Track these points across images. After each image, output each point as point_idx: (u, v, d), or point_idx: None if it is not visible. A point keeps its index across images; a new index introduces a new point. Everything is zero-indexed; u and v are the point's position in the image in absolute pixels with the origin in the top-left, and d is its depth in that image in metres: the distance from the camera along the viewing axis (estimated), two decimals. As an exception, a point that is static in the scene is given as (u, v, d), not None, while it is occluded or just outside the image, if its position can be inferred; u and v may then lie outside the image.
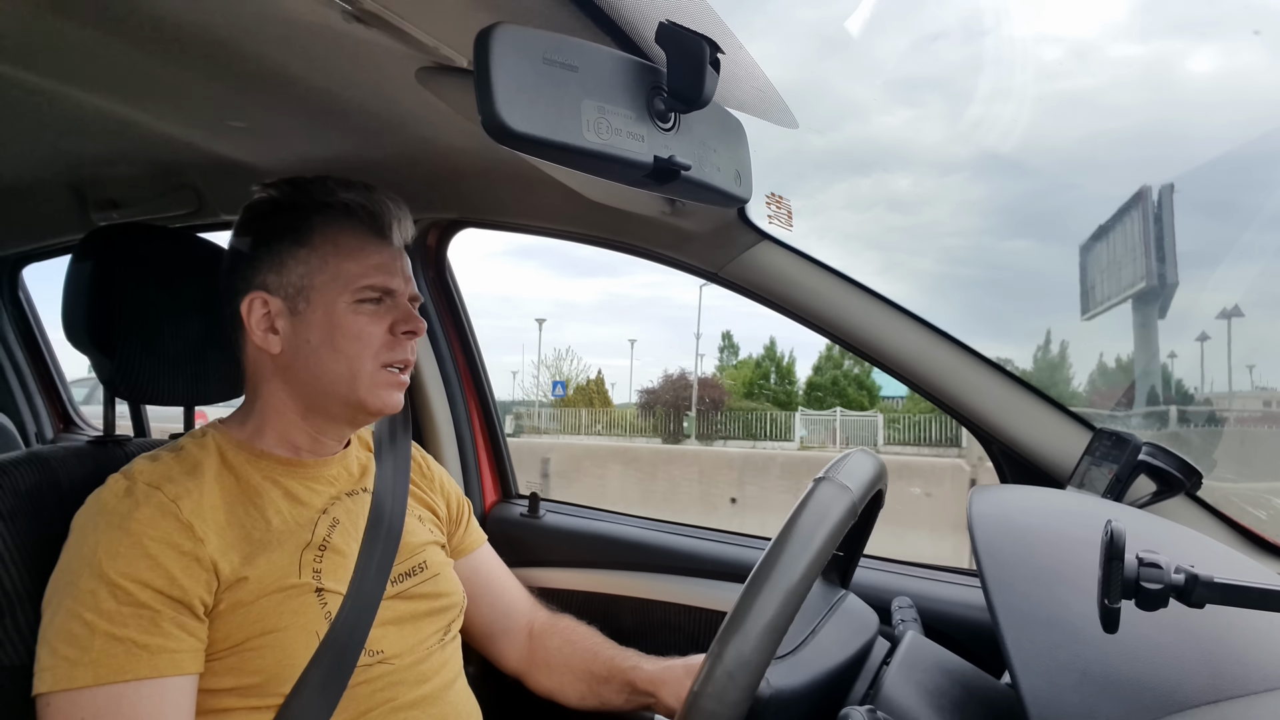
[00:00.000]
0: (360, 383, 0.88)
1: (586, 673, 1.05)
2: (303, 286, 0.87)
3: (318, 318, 0.87)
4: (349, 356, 0.87)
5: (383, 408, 0.90)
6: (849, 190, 21.67)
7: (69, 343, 0.99)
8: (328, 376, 0.88)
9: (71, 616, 0.73)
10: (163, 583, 0.75)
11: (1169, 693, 0.55)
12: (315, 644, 0.82)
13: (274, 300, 0.88)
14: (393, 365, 0.89)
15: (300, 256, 0.88)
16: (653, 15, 0.66)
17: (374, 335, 0.88)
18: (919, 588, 1.18)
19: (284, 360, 0.89)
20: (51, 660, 0.73)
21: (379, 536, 0.92)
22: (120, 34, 0.86)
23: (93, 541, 0.76)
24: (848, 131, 21.18)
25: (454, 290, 1.57)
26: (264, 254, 0.89)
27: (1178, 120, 21.13)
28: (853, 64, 27.17)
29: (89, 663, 0.72)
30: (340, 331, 0.87)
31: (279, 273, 0.88)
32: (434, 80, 0.85)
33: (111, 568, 0.74)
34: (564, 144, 0.58)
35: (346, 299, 0.87)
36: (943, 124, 21.85)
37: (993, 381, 1.13)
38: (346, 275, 0.87)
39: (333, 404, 0.90)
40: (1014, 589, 0.63)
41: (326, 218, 0.89)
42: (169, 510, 0.78)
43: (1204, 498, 1.05)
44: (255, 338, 0.88)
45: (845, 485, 0.71)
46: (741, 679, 0.60)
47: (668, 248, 1.25)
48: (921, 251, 17.19)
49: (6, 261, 2.06)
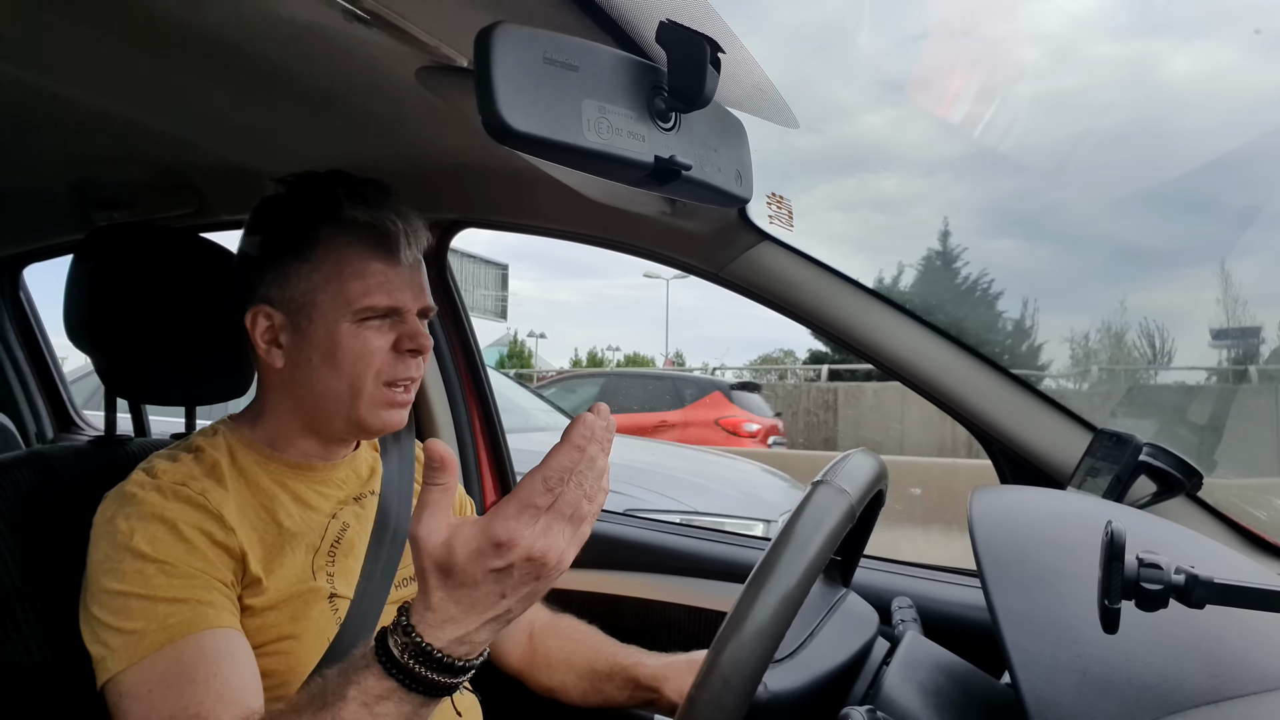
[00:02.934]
0: (361, 402, 0.86)
1: (588, 670, 1.05)
2: (305, 303, 0.85)
3: (320, 336, 0.85)
4: (350, 375, 0.85)
5: (383, 428, 0.88)
6: (834, 190, 21.77)
7: (70, 342, 0.99)
8: (329, 395, 0.86)
9: (123, 598, 0.73)
10: (202, 564, 0.76)
11: (1169, 693, 0.55)
12: (325, 648, 0.82)
13: (277, 314, 0.86)
14: (396, 384, 0.87)
15: (303, 272, 0.85)
16: (653, 15, 0.66)
17: (377, 353, 0.85)
18: (919, 588, 1.18)
19: (287, 374, 0.87)
20: (119, 639, 0.72)
21: (385, 540, 0.92)
22: (121, 34, 0.86)
23: (127, 529, 0.75)
24: (831, 132, 21.25)
25: (454, 290, 1.57)
26: (268, 264, 0.87)
27: (1159, 120, 21.29)
28: (835, 65, 27.23)
29: (156, 628, 0.72)
30: (342, 351, 0.84)
31: (282, 287, 0.86)
32: (434, 80, 0.85)
33: (154, 550, 0.74)
34: (564, 144, 0.58)
35: (349, 319, 0.84)
36: (926, 124, 21.96)
37: (992, 381, 1.13)
38: (349, 294, 0.84)
39: (334, 421, 0.88)
40: (1014, 589, 0.63)
41: (333, 231, 0.85)
42: (199, 503, 0.79)
43: (1204, 498, 1.05)
44: (260, 350, 0.87)
45: (843, 489, 0.70)
46: (738, 684, 0.60)
47: (668, 248, 1.25)
48: (908, 252, 17.29)
49: (7, 262, 2.06)
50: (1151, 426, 2.28)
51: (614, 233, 1.28)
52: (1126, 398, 5.45)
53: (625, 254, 1.31)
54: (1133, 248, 18.45)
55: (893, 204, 25.65)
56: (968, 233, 20.75)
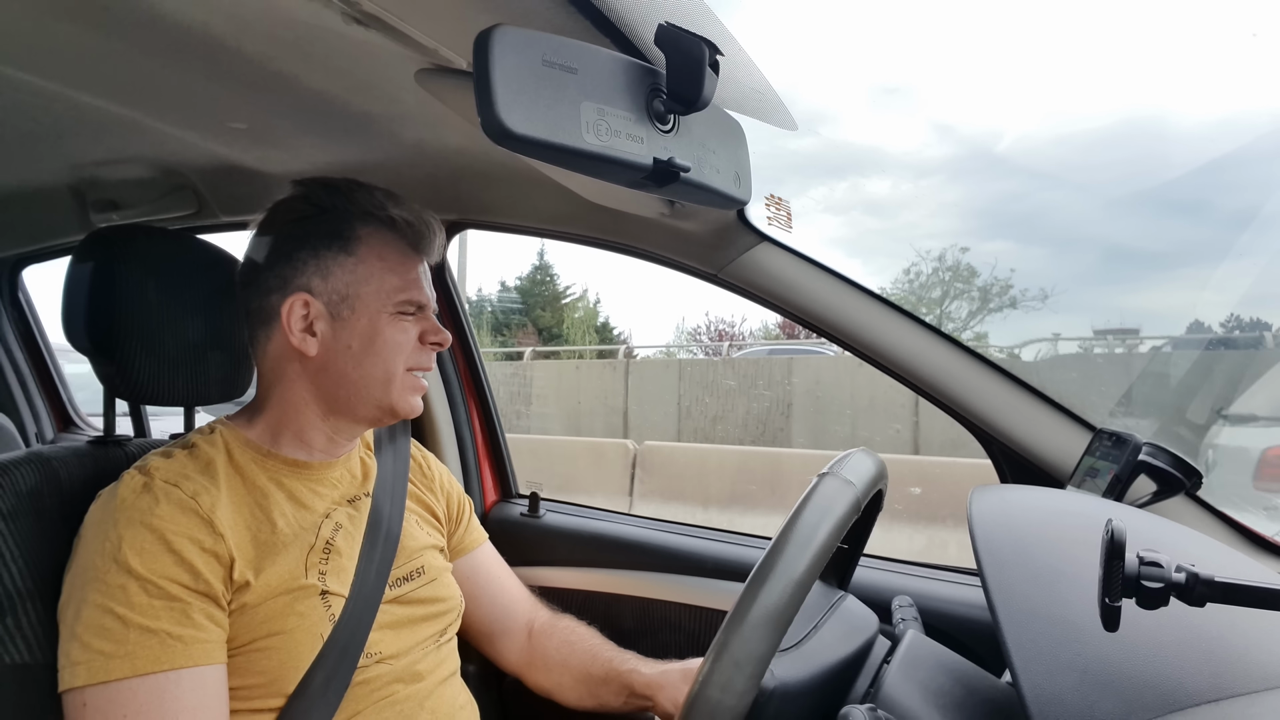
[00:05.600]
0: (394, 387, 0.91)
1: (585, 674, 1.05)
2: (348, 294, 0.89)
3: (361, 325, 0.89)
4: (386, 362, 0.90)
5: (410, 411, 0.93)
6: (825, 194, 21.79)
7: (69, 343, 0.99)
8: (364, 381, 0.90)
9: (101, 611, 0.73)
10: (189, 577, 0.76)
11: (1170, 691, 0.55)
12: (319, 645, 0.82)
13: (316, 303, 0.89)
14: (419, 371, 0.94)
15: (347, 265, 0.89)
16: (652, 17, 0.66)
17: (407, 344, 0.92)
18: (919, 587, 1.18)
19: (318, 362, 0.89)
20: (84, 655, 0.72)
21: (378, 540, 0.92)
22: (120, 35, 0.86)
23: (115, 537, 0.76)
24: (823, 135, 21.22)
25: (454, 290, 1.57)
26: (308, 257, 0.89)
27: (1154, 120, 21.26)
28: (825, 70, 27.14)
29: (125, 655, 0.72)
30: (382, 339, 0.90)
31: (324, 277, 0.89)
32: (434, 82, 0.86)
33: (138, 563, 0.74)
34: (563, 146, 0.58)
35: (389, 310, 0.90)
36: (917, 127, 21.93)
37: (992, 381, 1.13)
38: (390, 288, 0.90)
39: (362, 405, 0.91)
40: (1014, 588, 0.63)
41: (372, 228, 0.91)
42: (189, 506, 0.79)
43: (1204, 497, 1.05)
44: (293, 339, 0.88)
45: (849, 480, 0.71)
46: (748, 668, 0.60)
47: (667, 249, 1.25)
48: (900, 254, 17.27)
49: (6, 262, 2.06)
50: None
51: (613, 234, 1.28)
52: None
53: (624, 255, 1.32)
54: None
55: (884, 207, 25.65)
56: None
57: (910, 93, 21.85)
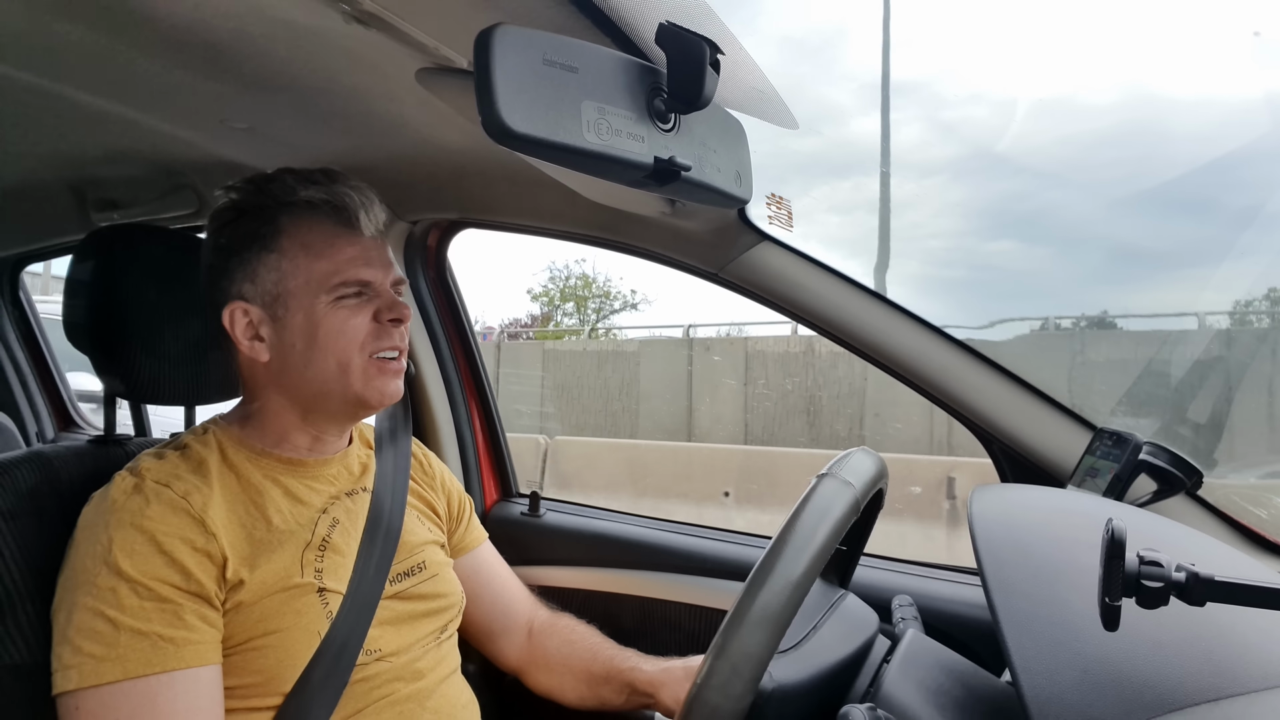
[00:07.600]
0: (353, 377, 0.87)
1: (585, 673, 1.05)
2: (279, 293, 0.86)
3: (299, 321, 0.86)
4: (337, 353, 0.86)
5: (382, 399, 0.89)
6: (830, 193, 21.75)
7: (70, 343, 0.99)
8: (320, 377, 0.87)
9: (93, 614, 0.73)
10: (180, 578, 0.76)
11: (1170, 691, 0.55)
12: (316, 643, 0.82)
13: (253, 309, 0.87)
14: (383, 353, 0.88)
15: (270, 263, 0.86)
16: (653, 16, 0.66)
17: (358, 327, 0.87)
18: (919, 586, 1.18)
19: (275, 367, 0.88)
20: (75, 658, 0.72)
21: (378, 536, 0.92)
22: (120, 34, 0.86)
23: (105, 539, 0.76)
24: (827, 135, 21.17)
25: (454, 290, 1.57)
26: (236, 263, 0.87)
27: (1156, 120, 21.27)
28: (827, 69, 27.05)
29: (116, 658, 0.72)
30: (323, 331, 0.86)
31: (253, 281, 0.87)
32: (434, 81, 0.85)
33: (129, 565, 0.74)
34: (564, 145, 0.58)
35: (325, 298, 0.86)
36: (920, 127, 21.87)
37: (992, 381, 1.13)
38: (320, 275, 0.86)
39: (330, 402, 0.89)
40: (1014, 588, 0.63)
41: (292, 217, 0.87)
42: (180, 506, 0.78)
43: (1205, 496, 1.05)
44: (243, 347, 0.88)
45: (848, 481, 0.71)
46: (745, 671, 0.60)
47: (668, 248, 1.25)
48: (906, 254, 17.29)
49: (7, 262, 2.06)
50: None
51: (613, 233, 1.28)
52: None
53: (624, 254, 1.32)
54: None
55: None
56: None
57: (913, 91, 21.84)
